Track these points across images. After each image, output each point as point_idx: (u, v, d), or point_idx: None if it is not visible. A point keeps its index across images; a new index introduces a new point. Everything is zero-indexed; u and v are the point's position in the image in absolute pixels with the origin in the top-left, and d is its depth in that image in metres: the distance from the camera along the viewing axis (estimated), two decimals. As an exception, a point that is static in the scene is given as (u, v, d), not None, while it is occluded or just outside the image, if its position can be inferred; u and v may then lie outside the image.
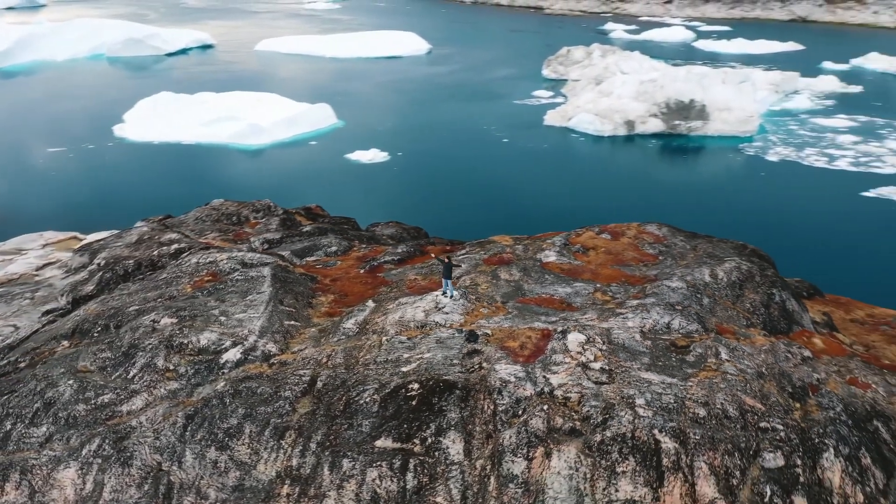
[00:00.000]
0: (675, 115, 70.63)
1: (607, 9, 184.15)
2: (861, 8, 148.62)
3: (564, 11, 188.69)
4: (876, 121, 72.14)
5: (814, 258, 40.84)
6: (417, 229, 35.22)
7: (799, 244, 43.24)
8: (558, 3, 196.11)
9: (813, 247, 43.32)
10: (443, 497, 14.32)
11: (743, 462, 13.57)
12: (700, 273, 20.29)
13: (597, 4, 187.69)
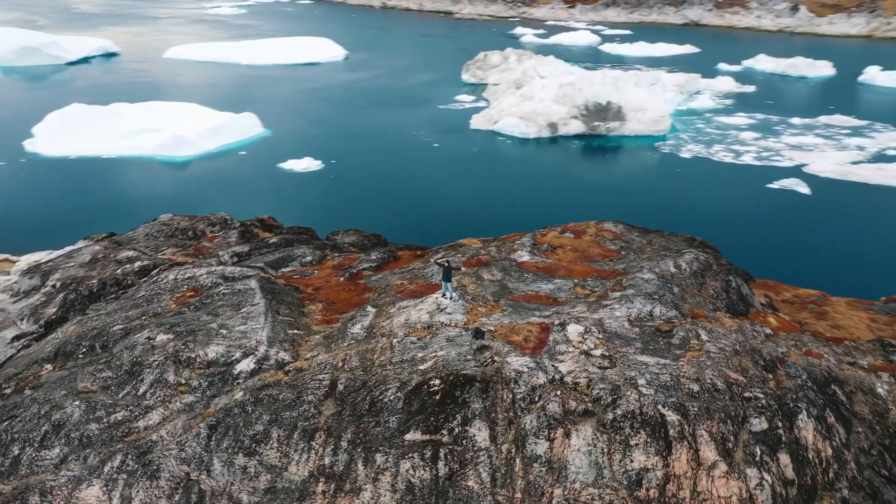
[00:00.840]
0: (594, 116, 74.40)
1: (514, 13, 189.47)
2: (746, 13, 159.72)
3: (473, 16, 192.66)
4: (771, 118, 78.42)
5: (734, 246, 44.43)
6: (377, 236, 36.27)
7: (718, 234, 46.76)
8: (467, 8, 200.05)
9: (730, 236, 47.06)
10: (474, 481, 15.72)
11: (734, 428, 15.68)
12: (665, 265, 22.56)
13: (504, 9, 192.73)
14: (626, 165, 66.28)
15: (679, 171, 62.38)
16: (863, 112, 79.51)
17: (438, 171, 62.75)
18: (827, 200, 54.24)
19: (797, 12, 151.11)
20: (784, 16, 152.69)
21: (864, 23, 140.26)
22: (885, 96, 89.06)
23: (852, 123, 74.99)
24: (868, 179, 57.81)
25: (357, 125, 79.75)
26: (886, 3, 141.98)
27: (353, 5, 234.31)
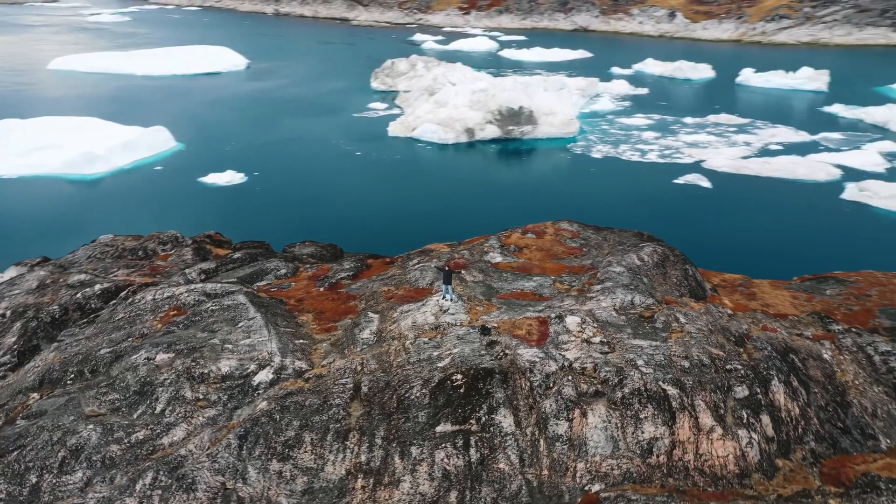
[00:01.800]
0: (508, 121, 77.57)
1: (411, 20, 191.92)
2: (629, 19, 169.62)
3: (371, 23, 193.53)
4: (666, 118, 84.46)
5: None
6: (333, 246, 37.02)
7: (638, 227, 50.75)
8: (363, 15, 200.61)
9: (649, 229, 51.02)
10: (504, 463, 17.34)
11: (723, 396, 18.13)
12: (630, 258, 25.01)
13: (401, 16, 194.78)
14: (546, 166, 69.67)
15: (593, 170, 66.35)
16: (744, 111, 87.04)
17: (367, 179, 63.69)
18: (726, 193, 59.49)
19: (675, 18, 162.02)
20: (663, 22, 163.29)
21: (733, 28, 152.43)
22: (759, 96, 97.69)
23: (737, 121, 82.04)
24: (758, 172, 63.84)
25: (274, 136, 79.21)
26: (751, 11, 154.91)
27: (244, 12, 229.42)
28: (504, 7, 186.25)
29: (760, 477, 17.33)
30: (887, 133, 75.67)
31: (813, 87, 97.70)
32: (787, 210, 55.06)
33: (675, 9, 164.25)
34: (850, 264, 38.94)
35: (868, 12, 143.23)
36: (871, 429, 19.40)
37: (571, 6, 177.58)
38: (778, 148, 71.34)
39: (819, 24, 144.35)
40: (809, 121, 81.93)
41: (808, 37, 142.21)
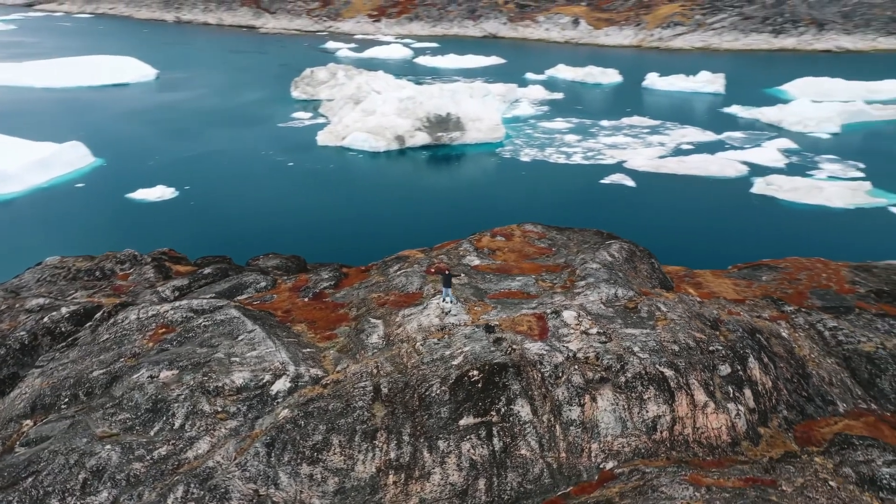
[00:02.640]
0: (436, 127, 79.24)
1: (321, 27, 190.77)
2: (536, 26, 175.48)
3: (279, 31, 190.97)
4: (585, 121, 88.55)
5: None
6: (297, 257, 37.33)
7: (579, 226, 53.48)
8: (271, 23, 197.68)
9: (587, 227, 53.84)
10: (525, 449, 18.74)
11: (710, 374, 20.24)
12: (602, 255, 27.02)
13: (310, 23, 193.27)
14: (481, 171, 71.67)
15: (523, 173, 68.95)
16: (654, 113, 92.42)
17: (307, 190, 63.66)
18: (649, 191, 63.36)
19: (578, 25, 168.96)
20: (568, 29, 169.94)
21: (633, 34, 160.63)
22: (665, 98, 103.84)
23: (649, 123, 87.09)
24: (675, 171, 68.28)
25: (198, 148, 77.57)
26: (648, 18, 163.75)
27: (141, 20, 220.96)
28: (414, 15, 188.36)
29: (749, 444, 19.53)
30: (781, 131, 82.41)
31: (712, 90, 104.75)
32: (706, 205, 59.35)
33: (579, 16, 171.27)
34: (768, 252, 42.76)
35: (751, 20, 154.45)
36: (829, 395, 22.08)
37: (480, 14, 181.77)
38: (689, 147, 76.38)
39: (710, 30, 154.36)
40: (713, 121, 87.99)
41: (701, 42, 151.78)
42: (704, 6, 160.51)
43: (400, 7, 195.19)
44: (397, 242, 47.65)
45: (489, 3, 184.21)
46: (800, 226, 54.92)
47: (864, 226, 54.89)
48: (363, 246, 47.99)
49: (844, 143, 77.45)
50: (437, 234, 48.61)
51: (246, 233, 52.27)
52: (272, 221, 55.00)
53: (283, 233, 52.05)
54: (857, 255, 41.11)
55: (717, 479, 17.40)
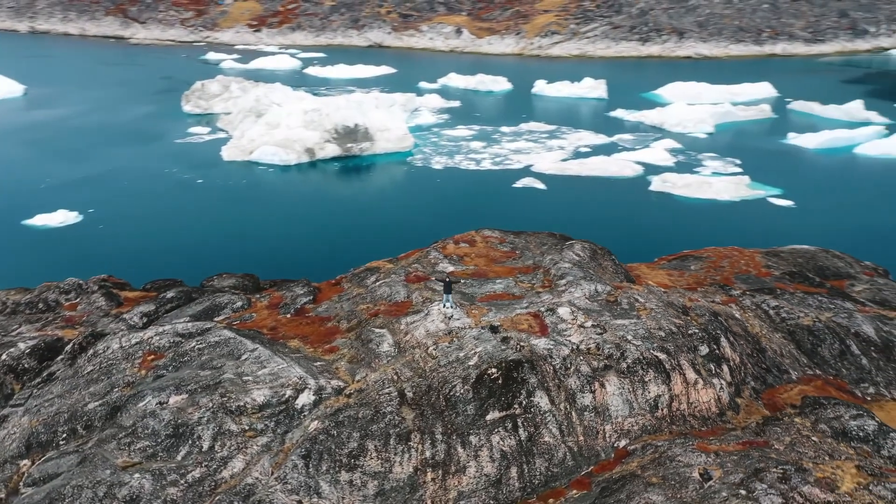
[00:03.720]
0: (345, 139, 79.60)
1: (198, 38, 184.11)
2: (420, 35, 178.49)
3: (152, 41, 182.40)
4: (486, 128, 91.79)
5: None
6: (251, 276, 37.13)
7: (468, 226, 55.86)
8: (141, 33, 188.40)
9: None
10: (548, 436, 20.42)
11: (694, 355, 22.79)
12: (569, 255, 29.22)
13: (185, 33, 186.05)
14: (392, 180, 72.83)
15: (438, 181, 70.88)
16: (548, 118, 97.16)
17: (222, 206, 62.28)
18: (559, 192, 67.08)
19: (462, 35, 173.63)
20: (452, 38, 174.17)
21: (514, 43, 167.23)
22: (555, 104, 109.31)
23: (546, 128, 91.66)
24: (579, 172, 72.66)
25: (93, 168, 73.63)
26: (527, 27, 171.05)
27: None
28: (296, 24, 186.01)
29: (732, 413, 22.25)
30: (664, 132, 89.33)
31: (596, 95, 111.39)
32: (614, 203, 63.77)
33: (461, 25, 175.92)
34: (676, 243, 46.94)
35: (620, 28, 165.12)
36: (783, 366, 25.35)
37: (363, 23, 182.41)
38: (587, 150, 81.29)
39: (584, 38, 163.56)
40: (603, 124, 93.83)
41: (577, 50, 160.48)
42: (577, 16, 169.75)
43: (281, 17, 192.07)
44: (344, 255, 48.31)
45: (372, 13, 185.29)
46: (697, 218, 60.31)
47: (751, 215, 61.11)
48: (308, 260, 48.04)
49: (719, 142, 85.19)
50: (379, 243, 49.58)
51: (174, 254, 50.68)
52: (199, 241, 53.59)
53: (215, 251, 50.94)
54: (751, 242, 46.04)
55: (719, 445, 19.87)
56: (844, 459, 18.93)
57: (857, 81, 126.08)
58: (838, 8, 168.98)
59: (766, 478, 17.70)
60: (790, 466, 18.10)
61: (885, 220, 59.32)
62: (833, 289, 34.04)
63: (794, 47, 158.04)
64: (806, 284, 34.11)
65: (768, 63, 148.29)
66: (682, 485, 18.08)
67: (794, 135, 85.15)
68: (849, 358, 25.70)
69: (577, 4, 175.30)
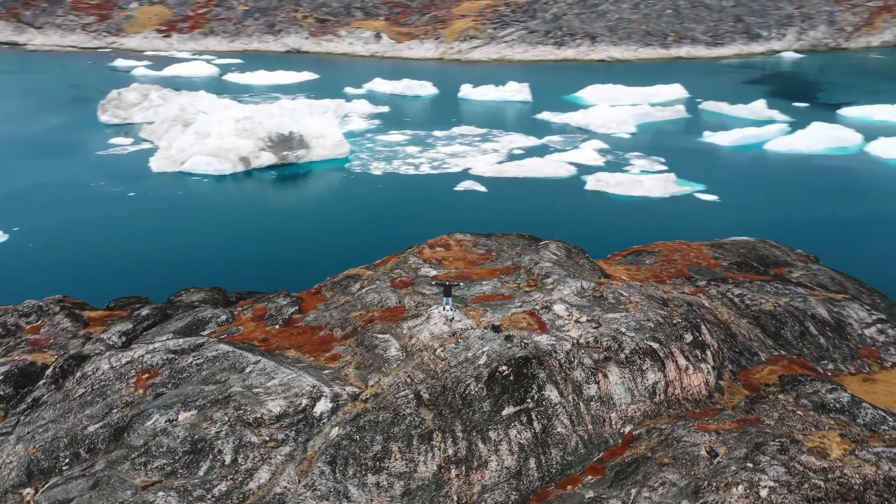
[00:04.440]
0: (281, 147, 78.60)
1: (102, 44, 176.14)
2: (339, 40, 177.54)
3: (52, 48, 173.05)
4: (418, 133, 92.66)
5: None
6: (219, 289, 36.51)
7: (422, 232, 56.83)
8: (39, 38, 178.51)
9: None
10: (560, 427, 21.49)
11: (681, 343, 24.44)
12: (546, 254, 30.47)
13: (88, 39, 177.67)
14: (338, 187, 72.53)
15: (380, 186, 71.18)
16: (478, 121, 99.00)
17: (161, 219, 60.33)
18: (500, 194, 68.71)
19: (381, 39, 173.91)
20: (371, 43, 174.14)
21: (434, 48, 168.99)
22: (483, 107, 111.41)
23: (478, 132, 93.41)
24: (516, 174, 74.64)
25: (11, 184, 69.68)
26: (445, 32, 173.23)
27: None
28: (208, 30, 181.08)
29: (719, 395, 24.04)
30: (591, 133, 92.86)
31: (521, 98, 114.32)
32: (554, 202, 65.93)
33: (379, 30, 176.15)
34: (622, 240, 49.35)
35: (536, 33, 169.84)
36: (752, 349, 27.48)
37: (280, 28, 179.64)
38: (520, 152, 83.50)
39: (502, 43, 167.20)
40: (531, 127, 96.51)
41: (496, 54, 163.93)
42: (494, 21, 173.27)
43: (191, 22, 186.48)
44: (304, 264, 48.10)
45: (288, 18, 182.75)
46: (634, 215, 63.28)
47: (682, 210, 64.66)
48: (269, 270, 47.45)
49: (642, 142, 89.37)
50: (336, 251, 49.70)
51: (119, 270, 48.85)
52: (144, 256, 51.83)
53: (165, 265, 49.46)
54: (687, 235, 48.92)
55: (717, 424, 21.51)
56: (828, 429, 20.92)
57: (756, 82, 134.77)
58: (734, 13, 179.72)
59: (767, 450, 19.40)
60: (785, 439, 19.88)
61: (801, 211, 64.10)
62: (776, 276, 36.88)
63: (697, 50, 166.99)
64: (752, 273, 36.79)
65: (675, 65, 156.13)
66: (693, 463, 19.55)
67: (709, 133, 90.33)
68: (808, 338, 28.17)
69: (493, 10, 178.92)
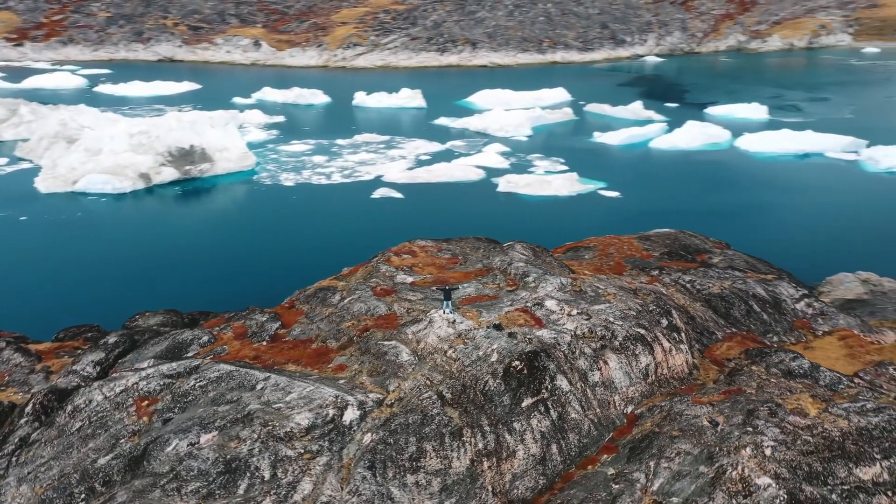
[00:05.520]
0: (182, 161, 75.60)
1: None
2: (215, 48, 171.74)
3: None
4: (321, 142, 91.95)
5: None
6: (175, 311, 35.24)
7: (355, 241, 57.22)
8: None
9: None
10: (574, 413, 23.05)
11: (661, 328, 26.75)
12: (516, 255, 32.02)
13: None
14: (251, 200, 70.71)
15: (295, 197, 70.30)
16: (379, 129, 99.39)
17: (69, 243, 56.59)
18: (418, 199, 69.89)
19: (261, 47, 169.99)
20: (251, 50, 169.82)
21: (317, 55, 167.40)
22: (379, 114, 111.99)
23: (381, 139, 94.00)
24: (428, 179, 76.12)
25: None
26: (328, 39, 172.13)
27: None
28: (67, 38, 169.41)
29: (697, 372, 26.56)
30: (491, 137, 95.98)
31: (415, 105, 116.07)
32: (472, 205, 67.94)
33: (258, 38, 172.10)
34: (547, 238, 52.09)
35: (418, 40, 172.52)
36: (709, 329, 30.40)
37: (149, 36, 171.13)
38: (427, 157, 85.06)
39: (386, 50, 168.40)
40: (432, 132, 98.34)
41: (381, 61, 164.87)
42: (376, 28, 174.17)
43: (46, 29, 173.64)
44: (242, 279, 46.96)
45: (157, 26, 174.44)
46: (549, 213, 66.54)
47: (591, 207, 68.71)
48: (206, 288, 45.92)
49: (540, 143, 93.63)
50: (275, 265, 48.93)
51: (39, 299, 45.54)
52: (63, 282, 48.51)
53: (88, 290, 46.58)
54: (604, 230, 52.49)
55: (708, 397, 23.90)
56: (800, 392, 23.86)
57: (628, 84, 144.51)
58: (600, 21, 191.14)
59: (760, 415, 21.94)
60: (771, 404, 22.54)
61: (694, 203, 69.95)
62: (702, 262, 40.59)
63: (570, 55, 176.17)
64: (683, 261, 40.28)
65: (552, 70, 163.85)
66: (700, 433, 21.75)
67: (599, 133, 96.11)
68: (753, 315, 31.55)
69: (374, 17, 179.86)
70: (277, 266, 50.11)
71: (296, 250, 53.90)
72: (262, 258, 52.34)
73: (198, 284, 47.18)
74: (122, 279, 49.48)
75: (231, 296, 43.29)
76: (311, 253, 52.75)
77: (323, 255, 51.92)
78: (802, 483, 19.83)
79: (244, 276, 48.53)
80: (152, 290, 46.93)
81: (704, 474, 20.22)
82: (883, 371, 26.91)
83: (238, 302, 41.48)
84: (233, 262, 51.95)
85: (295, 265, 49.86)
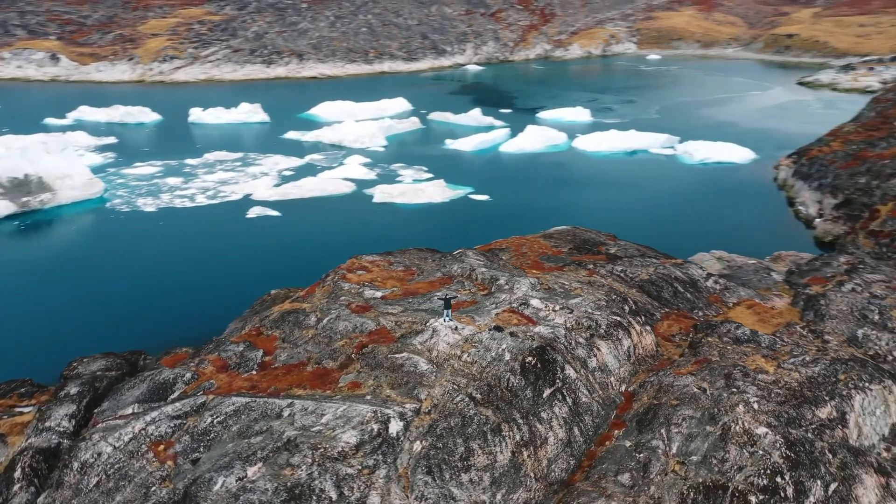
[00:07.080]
0: (17, 192, 67.82)
1: None
2: (4, 63, 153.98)
3: None
4: (169, 163, 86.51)
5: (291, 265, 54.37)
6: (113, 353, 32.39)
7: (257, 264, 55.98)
8: None
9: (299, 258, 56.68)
10: (584, 397, 25.27)
11: (644, 315, 29.76)
12: (474, 262, 33.60)
13: None
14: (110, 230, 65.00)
15: (161, 223, 65.98)
16: (228, 146, 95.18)
17: None
18: (296, 216, 68.68)
19: (60, 62, 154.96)
20: (47, 65, 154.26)
21: (130, 70, 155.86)
22: (222, 131, 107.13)
23: (233, 156, 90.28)
24: (301, 195, 74.88)
25: None
26: (140, 52, 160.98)
27: None
28: None
29: (660, 349, 29.95)
30: (347, 149, 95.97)
31: (258, 119, 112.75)
32: (358, 217, 68.13)
33: (54, 51, 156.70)
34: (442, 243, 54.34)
35: (241, 52, 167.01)
36: (649, 310, 34.15)
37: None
38: (290, 173, 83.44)
39: (207, 62, 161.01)
40: (285, 147, 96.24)
41: (204, 75, 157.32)
42: (192, 40, 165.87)
43: None
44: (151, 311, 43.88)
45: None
46: (434, 220, 68.56)
47: (467, 211, 71.80)
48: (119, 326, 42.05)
49: (397, 153, 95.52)
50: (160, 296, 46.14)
51: None
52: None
53: None
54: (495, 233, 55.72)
55: (686, 369, 27.26)
56: (753, 355, 28.04)
57: (458, 92, 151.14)
58: (420, 31, 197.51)
59: (736, 377, 25.63)
60: (740, 366, 26.37)
61: (554, 200, 75.70)
62: (605, 254, 44.87)
63: (396, 65, 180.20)
64: (589, 254, 44.26)
65: (381, 80, 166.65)
66: (695, 399, 24.94)
67: (451, 140, 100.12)
68: (679, 295, 35.88)
69: (188, 28, 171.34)
70: (185, 296, 47.23)
71: (198, 277, 51.04)
72: (161, 289, 48.98)
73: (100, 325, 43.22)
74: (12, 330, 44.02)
75: (152, 332, 40.64)
76: (216, 277, 50.37)
77: (230, 279, 49.89)
78: (788, 427, 23.64)
79: (152, 311, 45.23)
80: (42, 332, 42.34)
81: (712, 433, 23.36)
82: (793, 330, 32.14)
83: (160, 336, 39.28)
84: (127, 296, 48.06)
85: (207, 293, 47.42)
